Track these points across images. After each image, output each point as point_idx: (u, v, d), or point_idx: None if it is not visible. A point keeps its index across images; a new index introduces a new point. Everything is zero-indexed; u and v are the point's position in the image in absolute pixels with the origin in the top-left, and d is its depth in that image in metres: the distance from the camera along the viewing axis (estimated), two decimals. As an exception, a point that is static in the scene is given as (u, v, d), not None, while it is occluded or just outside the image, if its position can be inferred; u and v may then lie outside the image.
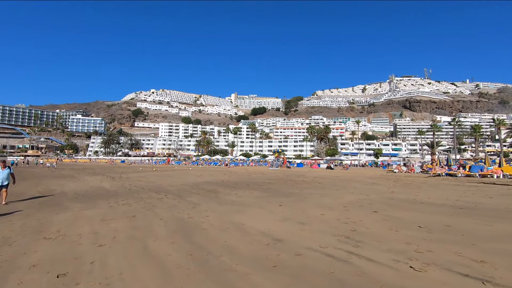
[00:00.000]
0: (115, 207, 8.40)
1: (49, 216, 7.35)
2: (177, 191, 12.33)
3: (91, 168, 42.47)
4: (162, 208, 8.07)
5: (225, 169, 37.75)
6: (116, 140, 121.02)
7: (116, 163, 71.66)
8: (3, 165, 9.40)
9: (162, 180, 18.29)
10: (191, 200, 9.45)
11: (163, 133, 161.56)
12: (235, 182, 16.59)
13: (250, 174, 23.84)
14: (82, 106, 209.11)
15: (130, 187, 14.15)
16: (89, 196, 11.16)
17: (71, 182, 18.38)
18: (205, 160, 68.66)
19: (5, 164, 9.52)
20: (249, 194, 11.01)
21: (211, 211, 7.52)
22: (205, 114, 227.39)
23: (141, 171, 31.26)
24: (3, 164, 9.44)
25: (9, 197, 10.48)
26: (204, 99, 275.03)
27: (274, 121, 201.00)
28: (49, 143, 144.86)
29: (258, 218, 6.53)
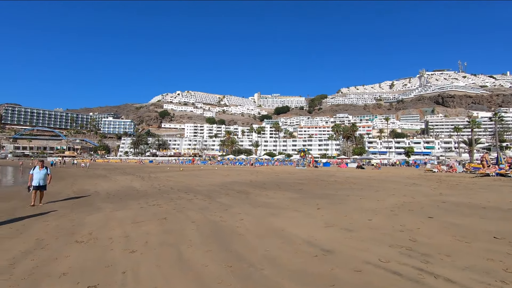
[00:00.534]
0: (145, 208, 8.20)
1: (82, 216, 7.27)
2: (206, 191, 12.04)
3: (121, 168, 44.05)
4: (193, 210, 7.73)
5: (251, 168, 37.43)
6: (144, 141, 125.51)
7: (144, 163, 74.09)
8: (41, 165, 9.46)
9: (190, 180, 18.22)
10: (222, 201, 9.05)
11: (189, 134, 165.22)
12: (264, 182, 16.08)
13: (277, 174, 23.23)
14: (113, 109, 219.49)
15: (159, 187, 14.13)
16: (120, 196, 11.17)
17: (104, 181, 18.87)
18: (230, 159, 68.94)
19: (43, 164, 9.60)
20: (281, 195, 10.44)
21: (244, 213, 7.04)
22: (229, 114, 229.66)
23: (169, 171, 31.75)
24: (42, 164, 9.51)
25: (46, 196, 10.74)
26: (228, 100, 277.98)
27: (298, 120, 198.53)
28: (83, 144, 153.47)
29: (297, 223, 5.95)
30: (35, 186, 9.13)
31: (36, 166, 9.42)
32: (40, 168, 9.34)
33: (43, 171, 9.37)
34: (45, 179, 9.40)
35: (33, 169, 9.40)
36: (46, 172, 9.46)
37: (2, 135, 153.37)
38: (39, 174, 9.22)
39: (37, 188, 9.20)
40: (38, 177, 9.18)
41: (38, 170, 9.28)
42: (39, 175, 9.22)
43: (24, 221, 6.95)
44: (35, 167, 9.40)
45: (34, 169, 9.36)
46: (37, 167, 9.37)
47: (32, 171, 9.32)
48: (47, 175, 9.47)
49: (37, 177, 9.17)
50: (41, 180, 9.24)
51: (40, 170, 9.31)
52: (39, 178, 9.19)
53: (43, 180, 9.30)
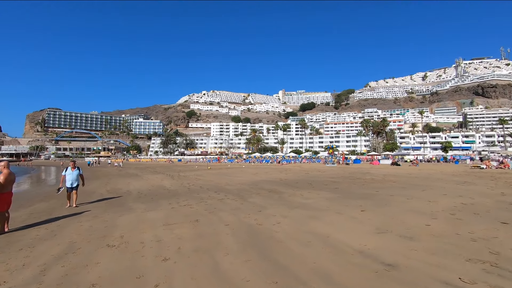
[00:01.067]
0: (176, 209, 7.93)
1: (114, 217, 7.13)
2: (237, 190, 11.65)
3: (152, 167, 45.38)
4: (225, 211, 7.32)
5: (279, 166, 36.78)
6: (173, 141, 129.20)
7: (173, 162, 76.13)
8: (73, 165, 9.30)
9: (219, 179, 18.01)
10: (254, 202, 8.57)
11: (215, 133, 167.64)
12: (295, 180, 15.42)
13: (307, 172, 22.41)
14: (143, 110, 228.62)
15: (189, 186, 14.00)
16: (151, 196, 11.10)
17: (135, 181, 19.24)
18: (256, 157, 68.72)
19: (75, 165, 9.42)
20: (316, 195, 9.75)
21: (280, 216, 6.49)
22: (254, 112, 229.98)
23: (197, 170, 32.03)
24: (73, 164, 9.35)
25: (81, 196, 10.91)
26: (252, 98, 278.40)
27: (324, 116, 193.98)
28: (117, 144, 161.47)
29: (342, 228, 5.28)
30: (68, 188, 9.02)
31: (68, 167, 9.26)
32: (72, 169, 9.18)
33: (76, 172, 9.19)
34: (77, 180, 9.23)
35: (65, 170, 9.25)
36: (79, 172, 9.28)
37: (46, 137, 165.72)
38: (72, 175, 9.06)
39: (70, 189, 9.06)
40: (71, 178, 9.03)
41: (70, 171, 9.14)
42: (72, 176, 9.06)
43: (60, 222, 6.94)
44: (67, 168, 9.25)
45: (67, 170, 9.22)
46: (69, 168, 9.20)
47: (65, 172, 9.17)
48: (79, 175, 9.29)
49: (70, 178, 9.02)
50: (73, 181, 9.09)
51: (73, 171, 9.15)
52: (71, 179, 9.03)
53: (75, 181, 9.14)
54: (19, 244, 5.18)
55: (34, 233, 5.92)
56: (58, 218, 7.43)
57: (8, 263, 4.18)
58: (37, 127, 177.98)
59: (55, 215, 7.79)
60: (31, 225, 6.78)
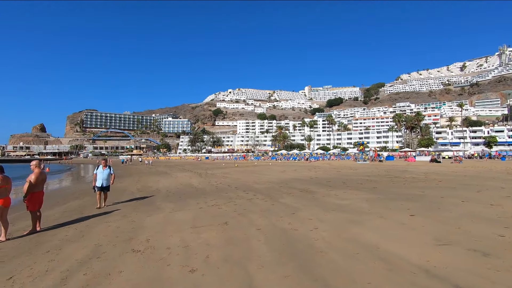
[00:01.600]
0: (204, 209, 7.58)
1: (142, 218, 6.92)
2: (266, 190, 11.13)
3: (181, 164, 46.33)
4: (255, 212, 6.82)
5: (307, 164, 35.77)
6: (200, 139, 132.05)
7: (201, 159, 77.50)
8: (105, 164, 8.88)
9: (247, 177, 17.63)
10: (286, 203, 7.99)
11: (241, 130, 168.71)
12: (326, 179, 14.59)
13: (338, 170, 21.34)
14: (172, 110, 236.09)
15: (216, 185, 13.73)
16: (179, 195, 10.93)
17: (165, 178, 19.44)
18: (283, 155, 67.84)
19: (106, 163, 8.99)
20: (353, 195, 8.95)
21: (317, 219, 5.86)
22: (279, 109, 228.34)
23: (224, 167, 32.03)
24: (105, 163, 8.93)
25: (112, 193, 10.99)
26: (278, 94, 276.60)
27: (353, 112, 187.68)
28: (148, 143, 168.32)
29: (392, 236, 4.55)
30: (98, 187, 8.60)
31: (100, 165, 8.84)
32: (103, 168, 8.79)
33: (107, 171, 8.79)
34: (108, 179, 8.82)
35: (96, 168, 8.86)
36: (110, 172, 8.88)
37: (84, 137, 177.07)
38: (102, 174, 8.67)
39: (100, 189, 8.64)
40: (102, 177, 8.63)
41: (101, 169, 8.75)
42: (103, 175, 8.66)
43: (89, 221, 6.85)
44: (99, 166, 8.83)
45: (98, 168, 8.81)
46: (101, 166, 8.81)
47: (96, 170, 8.78)
48: (110, 175, 8.90)
49: (100, 177, 8.62)
50: (104, 180, 8.67)
51: (104, 170, 8.75)
52: (102, 179, 8.63)
53: (106, 180, 8.72)
54: (47, 245, 5.06)
55: (63, 233, 5.83)
56: (88, 217, 7.38)
57: (32, 267, 4.00)
58: (77, 128, 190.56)
59: (86, 214, 7.78)
60: (62, 224, 6.76)
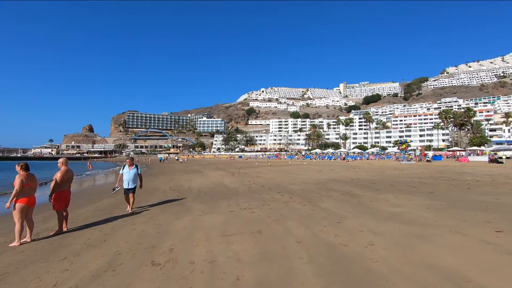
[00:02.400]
0: (236, 213, 6.87)
1: (169, 220, 6.39)
2: (302, 191, 10.16)
3: (214, 163, 46.75)
4: (293, 219, 5.94)
5: (344, 163, 33.85)
6: (233, 138, 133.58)
7: (234, 158, 78.05)
8: (130, 163, 7.87)
9: (281, 177, 16.74)
10: (328, 208, 6.97)
11: (274, 129, 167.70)
12: (370, 180, 13.17)
13: (382, 170, 19.52)
14: (206, 110, 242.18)
15: (249, 185, 13.04)
16: (211, 195, 10.39)
17: (198, 177, 19.27)
18: (318, 154, 65.62)
19: (132, 162, 7.98)
20: (407, 201, 7.65)
21: (369, 231, 4.82)
22: (313, 107, 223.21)
23: (257, 166, 31.41)
24: (131, 162, 7.91)
25: (144, 192, 10.81)
26: (311, 92, 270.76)
27: (392, 109, 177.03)
28: (184, 142, 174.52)
29: (483, 263, 3.38)
30: (125, 189, 7.71)
31: (126, 165, 7.84)
32: (129, 167, 7.81)
33: (133, 171, 7.80)
34: (135, 180, 7.80)
35: (122, 168, 7.88)
36: (137, 171, 7.88)
37: (126, 136, 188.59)
38: (129, 175, 7.72)
39: (127, 191, 7.71)
40: (128, 177, 7.69)
41: (127, 169, 7.76)
42: (129, 175, 7.72)
43: (116, 223, 6.49)
44: (124, 166, 7.85)
45: (123, 168, 7.83)
46: (126, 166, 7.81)
47: (122, 170, 7.84)
48: (137, 175, 7.89)
49: (126, 178, 7.68)
50: (130, 181, 7.69)
51: (130, 170, 7.78)
52: (128, 179, 7.68)
53: (132, 181, 7.72)
54: (66, 250, 4.67)
55: (87, 236, 5.46)
56: (116, 217, 7.06)
57: (42, 278, 3.54)
58: (120, 128, 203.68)
59: (115, 214, 7.49)
60: (90, 224, 6.47)
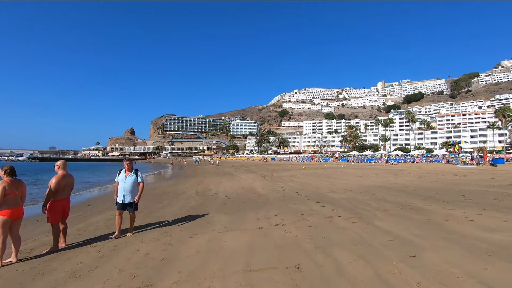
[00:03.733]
0: (265, 230, 5.45)
1: (183, 238, 5.16)
2: (347, 202, 8.43)
3: (247, 165, 45.82)
4: (343, 246, 4.35)
5: (387, 167, 30.75)
6: (266, 140, 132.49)
7: (267, 160, 76.72)
8: (129, 166, 5.65)
9: (318, 182, 14.97)
10: (388, 229, 5.23)
11: (307, 131, 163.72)
12: (430, 189, 10.93)
13: (439, 176, 16.73)
14: (239, 112, 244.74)
15: (282, 191, 11.54)
16: (238, 203, 9.09)
17: (228, 180, 18.21)
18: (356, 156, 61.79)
19: (131, 165, 5.73)
20: (499, 221, 5.61)
21: (473, 279, 3.09)
22: (349, 108, 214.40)
23: (291, 169, 29.69)
24: (129, 165, 5.67)
25: (169, 196, 9.83)
26: (347, 92, 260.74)
27: (436, 108, 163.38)
28: (218, 144, 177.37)
29: None
30: (118, 204, 5.48)
31: (122, 170, 5.68)
32: (126, 173, 5.60)
33: (131, 178, 5.55)
34: (134, 191, 5.56)
35: (118, 173, 5.69)
36: (136, 179, 5.60)
37: (164, 139, 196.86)
38: (125, 183, 5.51)
39: (121, 207, 5.47)
40: (123, 187, 5.49)
41: (123, 176, 5.59)
42: (125, 184, 5.51)
43: (120, 240, 5.40)
44: (121, 171, 5.66)
45: (119, 174, 5.66)
46: (123, 171, 5.65)
47: (117, 177, 5.65)
48: (137, 184, 5.64)
49: (122, 188, 5.49)
50: (126, 193, 5.48)
51: (126, 176, 5.56)
52: (123, 190, 5.49)
53: (130, 193, 5.50)
54: (45, 280, 3.60)
55: (80, 258, 4.38)
56: (126, 230, 6.02)
57: None
58: (158, 131, 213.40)
59: (125, 226, 6.47)
60: (94, 239, 5.47)
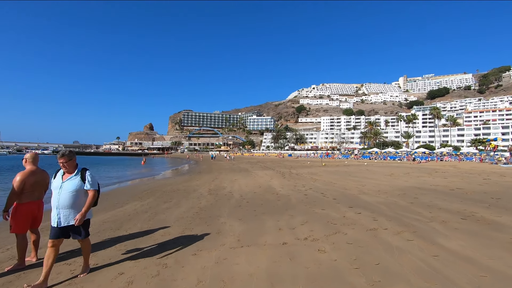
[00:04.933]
0: (290, 248, 4.13)
1: (183, 257, 3.93)
2: (387, 207, 6.93)
3: (263, 161, 44.54)
4: (409, 282, 2.95)
5: (416, 165, 28.48)
6: (283, 136, 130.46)
7: (284, 156, 75.06)
8: (68, 166, 3.41)
9: (343, 181, 13.43)
10: (462, 253, 3.76)
11: (325, 127, 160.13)
12: (485, 192, 9.17)
13: (484, 177, 14.64)
14: (256, 108, 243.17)
15: (305, 191, 10.15)
16: (255, 205, 7.81)
17: (243, 177, 17.01)
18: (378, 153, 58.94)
19: (72, 163, 3.46)
20: None
21: None
22: (368, 103, 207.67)
23: (310, 166, 28.09)
24: (65, 162, 3.38)
25: (179, 194, 8.73)
26: (366, 88, 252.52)
27: (463, 104, 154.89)
28: (234, 140, 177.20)
29: None
30: (52, 228, 3.36)
31: (59, 171, 3.50)
32: (64, 176, 3.45)
33: (71, 184, 3.38)
34: (76, 206, 3.36)
35: (54, 174, 3.53)
36: (79, 185, 3.41)
37: (182, 134, 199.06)
38: (60, 192, 3.34)
39: (58, 234, 3.33)
40: (57, 199, 3.33)
41: (60, 178, 3.43)
42: (60, 193, 3.34)
43: (108, 251, 4.26)
44: (58, 173, 3.50)
45: (55, 175, 3.49)
46: (60, 172, 3.48)
47: (53, 178, 3.53)
48: (83, 193, 3.45)
49: (55, 201, 3.34)
50: (63, 210, 3.32)
51: (64, 181, 3.39)
52: (57, 203, 3.32)
53: (68, 209, 3.33)
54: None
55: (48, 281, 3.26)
56: (118, 240, 4.90)
57: None
58: (176, 126, 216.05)
59: (121, 233, 5.34)
60: (75, 252, 4.37)
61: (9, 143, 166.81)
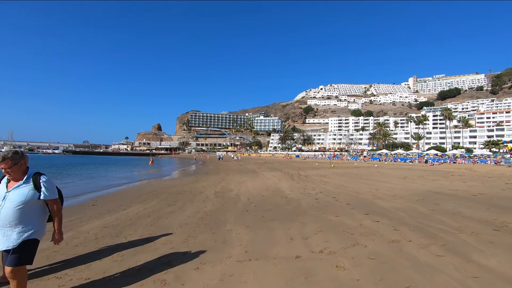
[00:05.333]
0: (304, 263, 3.67)
1: (184, 274, 3.51)
2: (407, 215, 6.40)
3: (270, 162, 44.07)
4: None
5: (429, 168, 27.58)
6: (290, 137, 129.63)
7: (291, 157, 74.45)
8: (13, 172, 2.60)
9: (355, 184, 12.88)
10: (506, 273, 3.27)
11: (333, 128, 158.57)
12: (502, 198, 8.56)
13: (506, 181, 13.99)
14: (263, 109, 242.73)
15: (315, 195, 9.66)
16: (263, 209, 7.37)
17: (251, 179, 16.59)
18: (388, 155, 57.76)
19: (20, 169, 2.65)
20: None
21: None
22: (377, 104, 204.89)
23: (319, 168, 27.50)
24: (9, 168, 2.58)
25: (184, 196, 8.35)
26: (375, 88, 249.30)
27: (475, 105, 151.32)
28: (241, 141, 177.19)
29: None
30: None
31: (4, 178, 2.70)
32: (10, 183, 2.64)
33: (21, 192, 2.58)
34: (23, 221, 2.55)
35: None
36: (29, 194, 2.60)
37: (189, 135, 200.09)
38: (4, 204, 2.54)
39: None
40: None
41: (3, 187, 2.63)
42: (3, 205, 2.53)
43: (102, 263, 3.89)
44: (1, 179, 2.73)
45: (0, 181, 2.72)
46: (5, 179, 2.69)
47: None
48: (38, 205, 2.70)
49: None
50: (3, 228, 2.50)
51: (9, 190, 2.59)
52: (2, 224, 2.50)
53: (11, 225, 2.51)
54: None
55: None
56: (117, 247, 4.53)
57: None
58: (184, 127, 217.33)
59: (120, 240, 4.96)
60: (69, 261, 4.00)
61: (22, 143, 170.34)
